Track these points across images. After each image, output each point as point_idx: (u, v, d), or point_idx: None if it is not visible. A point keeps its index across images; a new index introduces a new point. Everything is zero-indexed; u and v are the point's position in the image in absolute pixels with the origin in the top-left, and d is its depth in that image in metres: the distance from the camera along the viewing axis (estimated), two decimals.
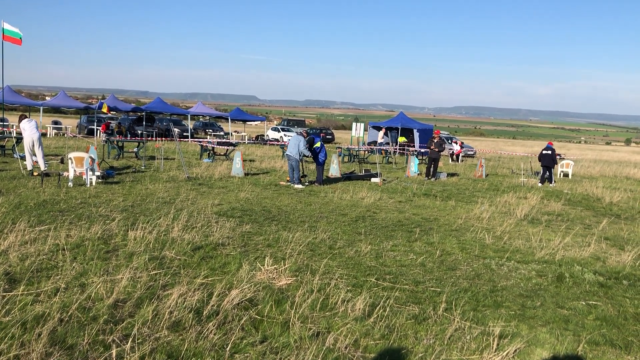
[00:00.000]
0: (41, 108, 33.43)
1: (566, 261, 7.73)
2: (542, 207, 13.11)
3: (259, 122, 49.96)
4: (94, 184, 12.48)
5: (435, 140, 18.96)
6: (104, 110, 19.12)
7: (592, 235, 9.80)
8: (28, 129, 14.13)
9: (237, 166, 16.29)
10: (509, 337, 4.77)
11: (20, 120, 14.69)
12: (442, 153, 19.54)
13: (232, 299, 5.12)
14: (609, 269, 7.48)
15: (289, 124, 52.96)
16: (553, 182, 19.57)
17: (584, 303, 5.94)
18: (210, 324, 4.57)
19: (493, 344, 4.53)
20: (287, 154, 14.95)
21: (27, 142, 14.10)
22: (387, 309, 5.20)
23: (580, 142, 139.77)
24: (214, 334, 4.42)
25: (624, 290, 6.54)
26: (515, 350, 4.48)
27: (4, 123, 28.58)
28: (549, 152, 19.13)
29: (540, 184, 19.06)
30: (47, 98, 53.62)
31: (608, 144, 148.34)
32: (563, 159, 22.68)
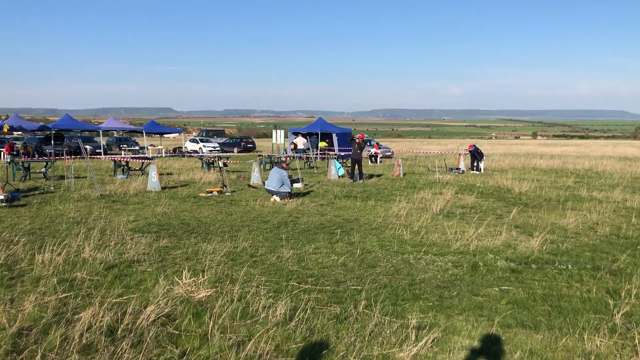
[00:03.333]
0: None
1: (480, 250, 8.05)
2: (457, 201, 13.62)
3: (177, 134, 48.90)
4: None
5: (357, 142, 19.29)
6: (5, 130, 17.99)
7: (503, 224, 10.26)
8: None
9: (153, 180, 15.81)
10: (427, 328, 4.89)
11: None
12: (362, 155, 19.94)
13: (148, 316, 4.93)
14: (519, 254, 7.85)
15: (208, 134, 52.16)
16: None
17: (497, 289, 6.20)
18: (124, 343, 4.36)
19: (412, 335, 4.63)
20: (268, 189, 13.77)
21: None
22: (309, 311, 5.19)
23: (491, 138, 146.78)
24: (129, 353, 4.23)
25: (532, 273, 6.89)
26: (433, 340, 4.59)
27: None
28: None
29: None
30: None
31: (517, 138, 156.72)
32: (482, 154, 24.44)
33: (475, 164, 23.85)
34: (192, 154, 35.57)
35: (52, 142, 32.08)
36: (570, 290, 6.19)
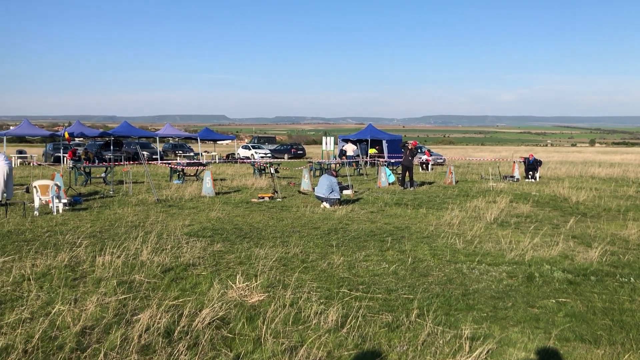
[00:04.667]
0: (5, 138, 32.76)
1: (536, 261, 7.84)
2: (511, 210, 13.31)
3: (229, 141, 49.84)
4: (60, 211, 12.23)
5: (410, 149, 19.15)
6: (66, 136, 18.80)
7: (560, 234, 9.96)
8: (2, 159, 13.56)
9: (207, 186, 16.17)
10: (481, 339, 4.80)
11: None
12: (413, 162, 19.79)
13: (203, 319, 5.06)
14: (577, 266, 7.61)
15: (259, 141, 53.00)
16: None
17: (554, 301, 6.03)
18: (181, 345, 4.49)
19: (465, 346, 4.56)
20: (318, 196, 13.86)
21: (3, 172, 13.44)
22: (360, 319, 5.20)
23: (546, 145, 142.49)
24: (185, 355, 4.35)
25: (592, 286, 6.66)
26: (488, 351, 4.50)
27: None
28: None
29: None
30: (10, 127, 52.62)
31: (573, 145, 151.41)
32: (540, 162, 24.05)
33: (530, 172, 23.26)
34: (244, 160, 36.18)
35: (112, 148, 33.30)
36: (633, 304, 5.95)
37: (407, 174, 18.95)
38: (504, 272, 7.26)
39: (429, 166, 30.50)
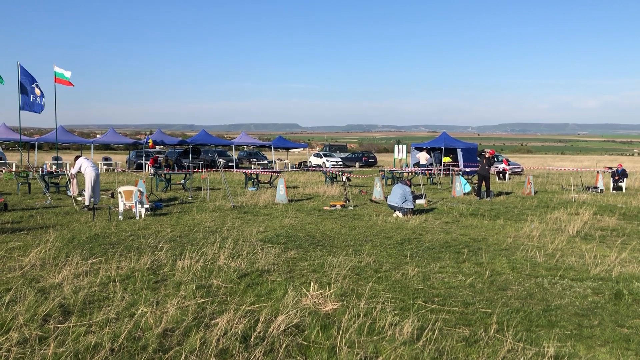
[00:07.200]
0: (92, 145, 34.71)
1: (624, 278, 7.40)
2: (595, 223, 12.65)
3: (302, 149, 50.46)
4: (143, 216, 12.79)
5: (487, 157, 18.63)
6: (150, 144, 19.66)
7: None
8: (90, 166, 14.48)
9: (280, 193, 16.43)
10: (566, 358, 4.57)
11: (76, 159, 15.01)
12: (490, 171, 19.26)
13: (279, 325, 5.12)
14: None
15: (331, 149, 53.31)
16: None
17: None
18: (257, 350, 4.56)
19: None
20: (390, 205, 13.81)
21: (91, 177, 14.27)
22: (436, 332, 5.08)
23: (633, 155, 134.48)
24: None
25: None
26: None
27: (58, 162, 29.76)
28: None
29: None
30: (97, 136, 55.76)
31: None
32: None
33: (617, 183, 22.09)
34: (316, 168, 36.49)
35: (190, 155, 34.54)
36: None
37: (484, 183, 18.45)
38: (589, 288, 6.90)
39: (506, 176, 29.55)
